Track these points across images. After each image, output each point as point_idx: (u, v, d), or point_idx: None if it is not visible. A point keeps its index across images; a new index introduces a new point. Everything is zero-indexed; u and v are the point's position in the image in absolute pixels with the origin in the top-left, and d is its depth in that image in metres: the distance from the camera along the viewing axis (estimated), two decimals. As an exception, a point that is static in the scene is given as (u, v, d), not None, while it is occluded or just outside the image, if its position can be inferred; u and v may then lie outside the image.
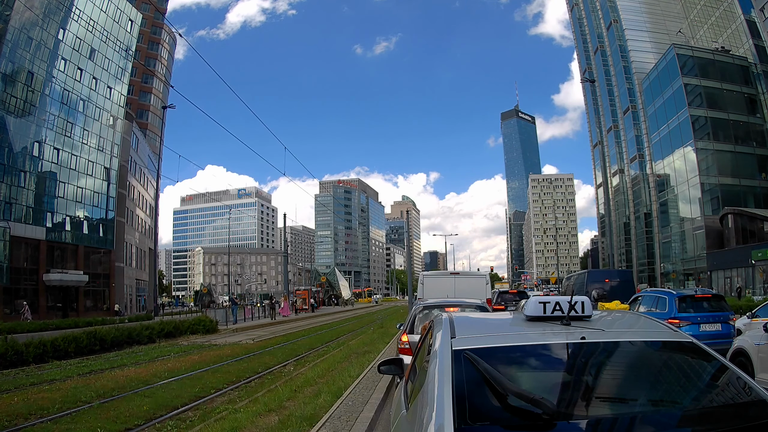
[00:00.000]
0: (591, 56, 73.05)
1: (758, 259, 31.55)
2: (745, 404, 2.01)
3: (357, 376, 9.02)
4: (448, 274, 17.22)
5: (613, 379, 2.25)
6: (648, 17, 59.54)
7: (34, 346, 13.95)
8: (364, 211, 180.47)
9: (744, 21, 41.62)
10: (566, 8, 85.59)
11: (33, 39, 37.98)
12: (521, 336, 2.38)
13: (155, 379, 10.34)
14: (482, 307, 8.56)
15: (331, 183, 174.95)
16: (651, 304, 10.89)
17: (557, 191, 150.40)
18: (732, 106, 41.48)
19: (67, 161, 42.00)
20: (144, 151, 58.22)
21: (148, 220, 58.39)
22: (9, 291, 35.64)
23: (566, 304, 2.40)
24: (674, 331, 2.44)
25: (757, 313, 11.07)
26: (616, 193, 66.61)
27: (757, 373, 6.53)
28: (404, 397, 2.93)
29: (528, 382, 2.11)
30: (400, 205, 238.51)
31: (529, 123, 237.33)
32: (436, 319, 2.83)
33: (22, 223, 36.76)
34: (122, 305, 46.70)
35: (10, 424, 6.86)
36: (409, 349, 7.06)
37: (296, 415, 6.44)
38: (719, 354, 2.27)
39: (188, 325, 23.03)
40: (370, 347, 14.79)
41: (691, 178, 42.35)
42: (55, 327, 24.18)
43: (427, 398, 2.00)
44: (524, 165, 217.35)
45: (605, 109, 70.30)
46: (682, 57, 43.37)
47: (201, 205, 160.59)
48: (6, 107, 35.85)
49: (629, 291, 16.56)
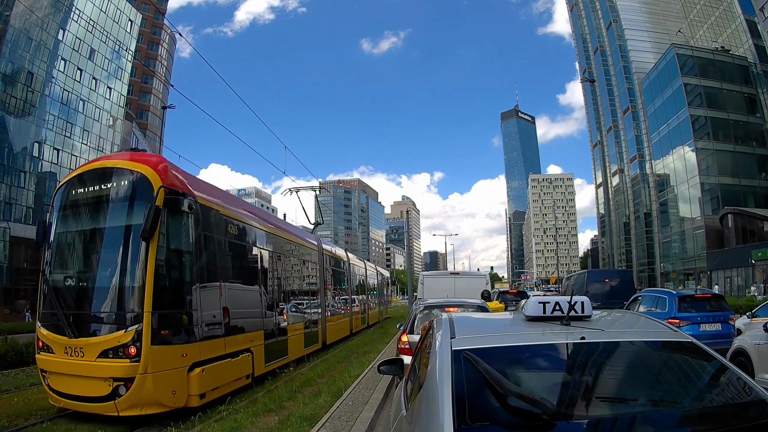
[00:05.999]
0: (591, 56, 73.05)
1: (758, 259, 31.56)
2: (745, 404, 2.01)
3: (357, 376, 9.02)
4: (448, 274, 17.22)
5: (613, 379, 2.25)
6: (648, 17, 59.53)
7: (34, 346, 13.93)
8: (364, 211, 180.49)
9: (744, 21, 41.62)
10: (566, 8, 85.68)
11: (33, 39, 38.00)
12: (521, 336, 2.38)
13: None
14: (482, 307, 8.57)
15: (332, 183, 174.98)
16: (651, 304, 10.88)
17: (557, 191, 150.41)
18: (732, 106, 41.48)
19: (67, 161, 42.02)
20: (144, 152, 58.21)
21: (148, 220, 58.34)
22: (9, 291, 35.65)
23: (566, 304, 2.40)
24: (674, 331, 2.44)
25: (757, 313, 11.07)
26: (616, 193, 66.61)
27: (757, 373, 6.53)
28: (404, 397, 2.93)
29: (528, 383, 2.11)
30: (400, 205, 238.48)
31: (529, 123, 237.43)
32: (436, 319, 2.83)
33: (22, 223, 36.78)
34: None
35: (10, 424, 6.85)
36: (409, 349, 7.06)
37: (296, 415, 6.44)
38: (719, 354, 2.27)
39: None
40: (370, 347, 14.79)
41: (690, 177, 42.35)
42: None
43: (427, 398, 2.00)
44: (524, 165, 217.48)
45: (605, 109, 70.30)
46: (681, 57, 43.37)
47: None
48: (6, 107, 35.87)
49: (629, 291, 16.53)
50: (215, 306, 7.98)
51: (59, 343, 6.72)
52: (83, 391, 6.59)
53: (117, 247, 6.97)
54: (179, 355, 7.00)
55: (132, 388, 6.36)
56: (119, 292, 6.78)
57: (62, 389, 6.79)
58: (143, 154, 7.84)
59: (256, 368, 9.44)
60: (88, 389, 6.53)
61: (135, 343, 6.40)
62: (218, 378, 7.88)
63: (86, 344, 6.53)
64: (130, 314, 6.56)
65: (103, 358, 6.43)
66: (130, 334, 6.42)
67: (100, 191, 7.22)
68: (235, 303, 8.71)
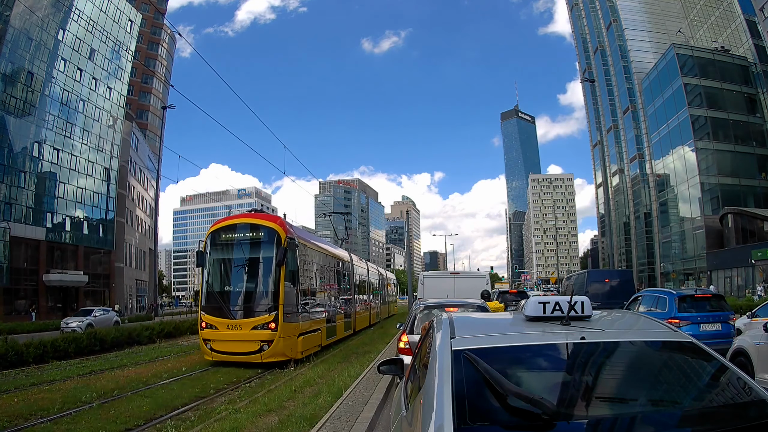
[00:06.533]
0: (591, 56, 73.02)
1: (758, 259, 31.54)
2: (745, 404, 2.01)
3: (357, 376, 9.02)
4: (448, 274, 17.28)
5: (613, 379, 2.25)
6: (648, 17, 59.49)
7: (34, 346, 13.95)
8: (364, 211, 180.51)
9: (744, 21, 41.57)
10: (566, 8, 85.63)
11: (33, 39, 37.97)
12: (521, 336, 2.38)
13: (155, 380, 10.34)
14: (482, 308, 8.57)
15: (332, 183, 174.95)
16: (651, 304, 10.88)
17: (557, 191, 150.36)
18: (732, 106, 41.43)
19: (67, 162, 42.00)
20: (144, 152, 58.20)
21: (148, 220, 58.37)
22: (9, 291, 35.62)
23: (566, 304, 2.40)
24: (674, 331, 2.44)
25: (757, 313, 11.07)
26: (616, 193, 66.56)
27: (757, 373, 6.53)
28: (404, 397, 2.93)
29: (528, 383, 2.11)
30: (400, 205, 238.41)
31: (529, 123, 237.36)
32: (436, 319, 2.83)
33: (22, 223, 36.75)
34: (122, 305, 46.69)
35: (11, 425, 6.86)
36: (409, 349, 7.07)
37: (296, 415, 6.44)
38: (719, 354, 2.27)
39: (188, 325, 23.03)
40: (370, 347, 14.81)
41: (690, 177, 42.31)
42: (56, 327, 24.21)
43: (427, 398, 2.00)
44: (524, 165, 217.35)
45: (605, 109, 70.26)
46: (681, 57, 43.33)
47: (201, 206, 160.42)
48: (6, 107, 35.84)
49: (629, 291, 16.52)
50: (307, 302, 13.75)
51: (222, 322, 11.91)
52: (239, 350, 11.79)
53: (261, 268, 12.29)
54: (294, 328, 12.46)
55: (272, 346, 11.66)
56: (264, 294, 12.05)
57: (222, 349, 11.94)
58: (271, 215, 14.50)
59: (323, 341, 14.95)
60: (243, 348, 11.76)
61: (274, 321, 11.69)
62: (309, 343, 13.49)
63: (244, 323, 11.78)
64: (272, 306, 11.83)
65: (255, 329, 11.70)
66: (272, 316, 11.72)
67: (248, 236, 12.58)
68: (315, 300, 14.79)
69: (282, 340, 11.72)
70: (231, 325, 11.80)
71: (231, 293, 12.35)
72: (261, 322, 11.66)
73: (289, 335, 12.09)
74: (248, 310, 11.95)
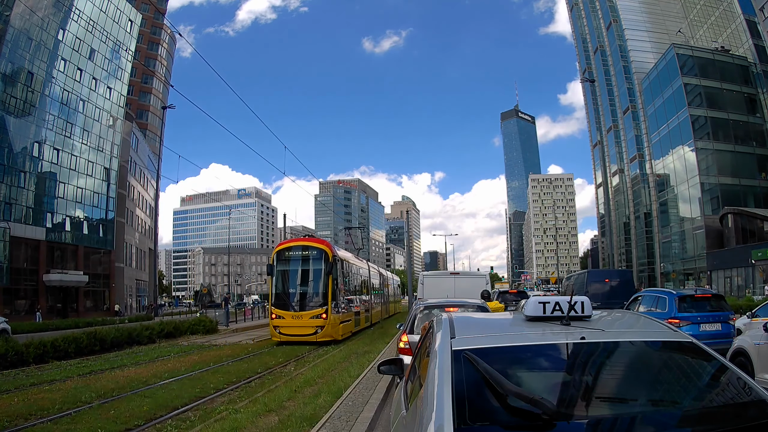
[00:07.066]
0: (591, 56, 72.99)
1: (758, 259, 31.55)
2: (745, 404, 2.01)
3: (357, 376, 9.03)
4: (448, 274, 17.35)
5: (612, 379, 2.25)
6: (648, 17, 59.47)
7: (34, 346, 13.95)
8: (364, 211, 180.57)
9: (744, 21, 41.57)
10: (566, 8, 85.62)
11: (33, 39, 37.97)
12: (521, 336, 2.38)
13: (155, 380, 10.33)
14: (482, 307, 8.57)
15: (332, 183, 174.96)
16: (651, 304, 10.88)
17: (557, 191, 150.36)
18: (732, 106, 41.42)
19: (67, 161, 42.00)
20: (144, 152, 58.22)
21: (148, 220, 58.40)
22: (9, 291, 35.62)
23: (566, 304, 2.40)
24: (674, 331, 2.44)
25: (757, 313, 11.07)
26: (616, 192, 66.56)
27: (757, 373, 6.53)
28: (404, 397, 2.93)
29: (528, 383, 2.11)
30: (400, 205, 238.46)
31: (529, 123, 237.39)
32: (436, 319, 2.83)
33: (22, 223, 36.75)
34: (122, 305, 46.70)
35: (11, 425, 6.86)
36: (409, 349, 7.06)
37: (296, 415, 6.44)
38: (719, 354, 2.27)
39: (188, 325, 23.03)
40: (370, 347, 14.81)
41: (690, 177, 42.31)
42: (55, 327, 24.19)
43: (427, 398, 2.00)
44: (524, 165, 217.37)
45: (605, 109, 70.23)
46: (681, 57, 43.32)
47: (201, 206, 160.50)
48: (6, 107, 35.84)
49: (629, 291, 16.53)
50: (345, 300, 19.03)
51: (288, 314, 17.19)
52: (300, 333, 16.89)
53: (314, 276, 17.62)
54: (338, 319, 17.57)
55: (323, 330, 16.89)
56: (317, 294, 17.44)
57: (288, 333, 17.01)
58: (320, 239, 20.36)
59: (353, 328, 20.20)
60: (303, 332, 16.88)
61: (325, 313, 16.94)
62: (346, 329, 18.84)
63: (304, 314, 17.10)
64: (323, 302, 17.13)
65: (312, 319, 16.96)
66: (323, 309, 16.99)
67: (305, 254, 17.92)
68: (349, 299, 19.99)
69: (330, 326, 16.95)
70: (294, 315, 17.08)
71: (294, 293, 17.72)
72: (316, 313, 16.95)
73: (335, 323, 17.26)
74: (307, 305, 17.33)
